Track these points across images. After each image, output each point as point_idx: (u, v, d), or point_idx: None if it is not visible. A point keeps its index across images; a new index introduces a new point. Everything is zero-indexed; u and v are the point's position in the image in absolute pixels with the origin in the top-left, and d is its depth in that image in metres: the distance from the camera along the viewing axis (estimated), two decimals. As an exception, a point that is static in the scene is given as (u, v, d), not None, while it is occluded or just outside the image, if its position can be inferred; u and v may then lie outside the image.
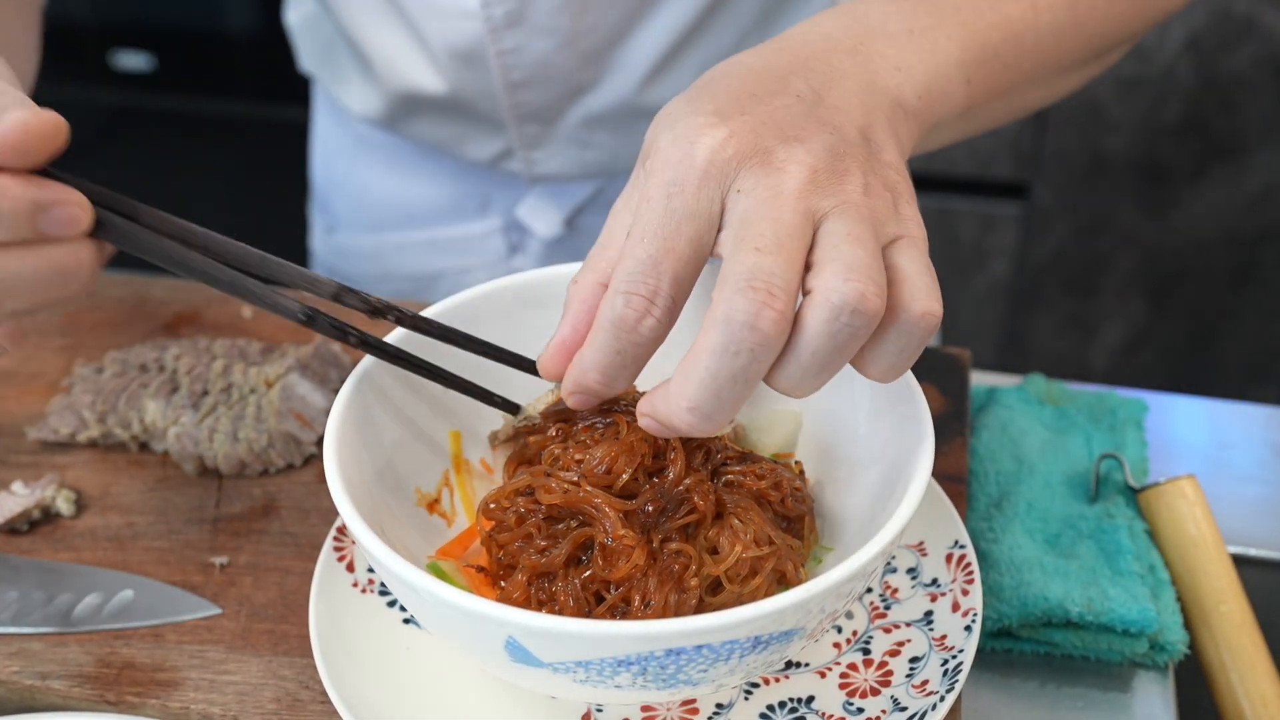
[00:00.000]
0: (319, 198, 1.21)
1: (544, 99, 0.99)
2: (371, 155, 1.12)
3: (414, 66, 1.00)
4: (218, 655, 0.66)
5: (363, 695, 0.59)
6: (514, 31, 0.95)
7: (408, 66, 1.01)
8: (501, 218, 1.10)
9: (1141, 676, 0.69)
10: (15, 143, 0.51)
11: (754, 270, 0.49)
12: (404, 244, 1.13)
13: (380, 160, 1.12)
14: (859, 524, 0.60)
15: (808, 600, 0.49)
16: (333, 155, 1.17)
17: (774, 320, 0.48)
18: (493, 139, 1.03)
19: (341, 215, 1.17)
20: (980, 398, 0.83)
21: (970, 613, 0.61)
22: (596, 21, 0.94)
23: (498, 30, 0.94)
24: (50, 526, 0.74)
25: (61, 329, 0.90)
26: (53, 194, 0.53)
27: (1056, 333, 2.23)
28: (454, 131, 1.04)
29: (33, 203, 0.52)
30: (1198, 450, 0.85)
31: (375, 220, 1.14)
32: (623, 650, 0.48)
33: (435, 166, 1.09)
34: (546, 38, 0.95)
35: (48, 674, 0.65)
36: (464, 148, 1.05)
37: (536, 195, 1.08)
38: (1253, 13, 1.88)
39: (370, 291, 0.60)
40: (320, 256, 1.22)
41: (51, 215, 0.53)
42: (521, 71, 0.97)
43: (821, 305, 0.49)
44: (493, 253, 1.11)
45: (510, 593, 0.57)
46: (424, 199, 1.11)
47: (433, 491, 0.65)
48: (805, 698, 0.60)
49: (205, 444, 0.76)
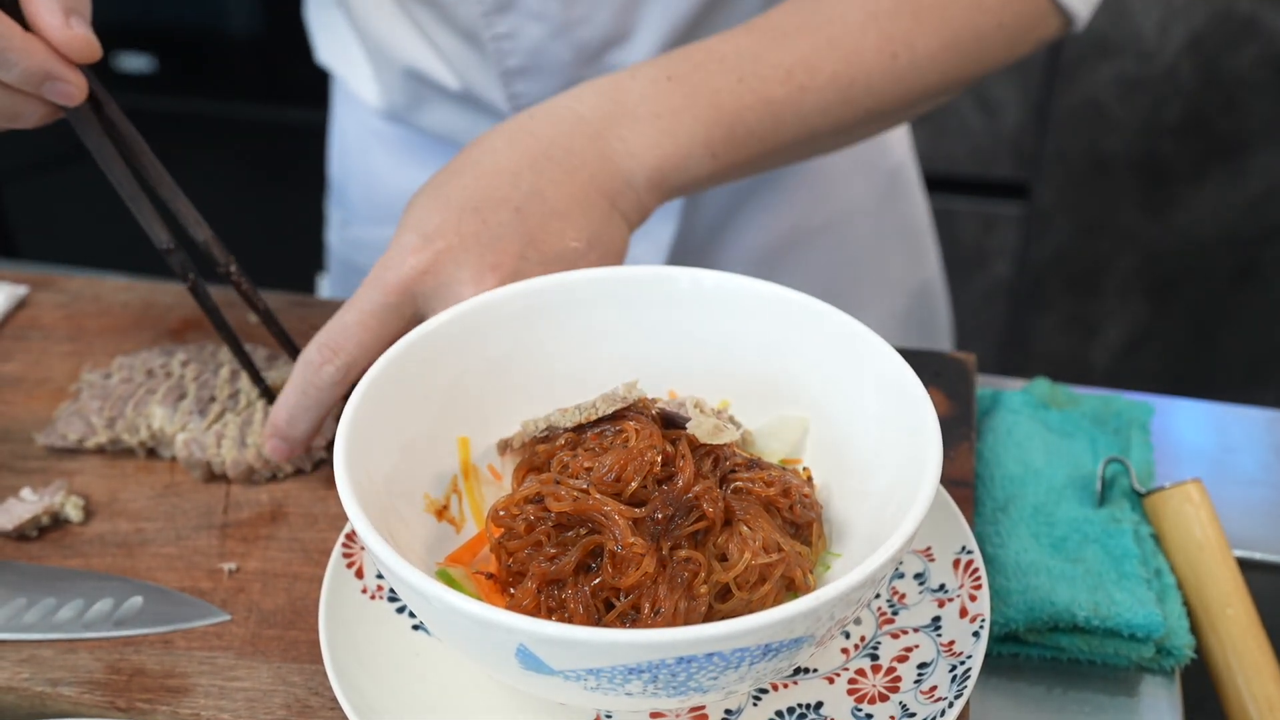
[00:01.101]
0: (335, 191, 1.22)
1: (543, 91, 1.00)
2: (386, 148, 1.13)
3: (420, 53, 1.02)
4: (227, 661, 0.66)
5: (372, 701, 0.59)
6: (505, 16, 0.96)
7: (414, 53, 1.02)
8: None
9: (1148, 681, 0.69)
10: (71, 45, 0.69)
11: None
12: None
13: (394, 153, 1.13)
14: (867, 530, 0.60)
15: (818, 608, 0.49)
16: (349, 149, 1.18)
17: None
18: None
19: (357, 208, 1.18)
20: (985, 402, 0.83)
21: (978, 618, 0.61)
22: (588, 12, 0.95)
23: (490, 14, 0.96)
24: (59, 533, 0.74)
25: (69, 335, 0.90)
26: (63, 71, 0.69)
27: (1058, 333, 2.23)
28: (463, 124, 1.05)
29: (46, 72, 0.69)
30: (1202, 454, 0.85)
31: (389, 213, 1.15)
32: (634, 658, 0.48)
33: (447, 160, 1.10)
34: (538, 24, 0.96)
35: (58, 680, 0.65)
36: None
37: None
38: (1254, 13, 1.89)
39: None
40: (335, 250, 1.23)
41: (56, 86, 0.70)
42: (517, 59, 0.98)
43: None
44: None
45: (520, 600, 0.57)
46: None
47: (441, 498, 0.65)
48: (814, 703, 0.60)
49: (213, 450, 0.76)
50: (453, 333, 0.65)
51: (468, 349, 0.65)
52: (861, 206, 1.14)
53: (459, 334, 0.65)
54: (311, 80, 2.29)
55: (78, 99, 0.71)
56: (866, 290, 1.16)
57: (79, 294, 0.95)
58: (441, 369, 0.64)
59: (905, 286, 1.20)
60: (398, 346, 0.62)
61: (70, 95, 0.71)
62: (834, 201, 1.11)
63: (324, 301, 0.93)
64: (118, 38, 2.35)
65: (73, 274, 0.98)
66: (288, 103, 2.35)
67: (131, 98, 2.39)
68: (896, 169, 1.16)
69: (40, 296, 0.95)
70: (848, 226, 1.13)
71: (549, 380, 0.68)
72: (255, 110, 2.38)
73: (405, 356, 0.63)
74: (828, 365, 0.64)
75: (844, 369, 0.64)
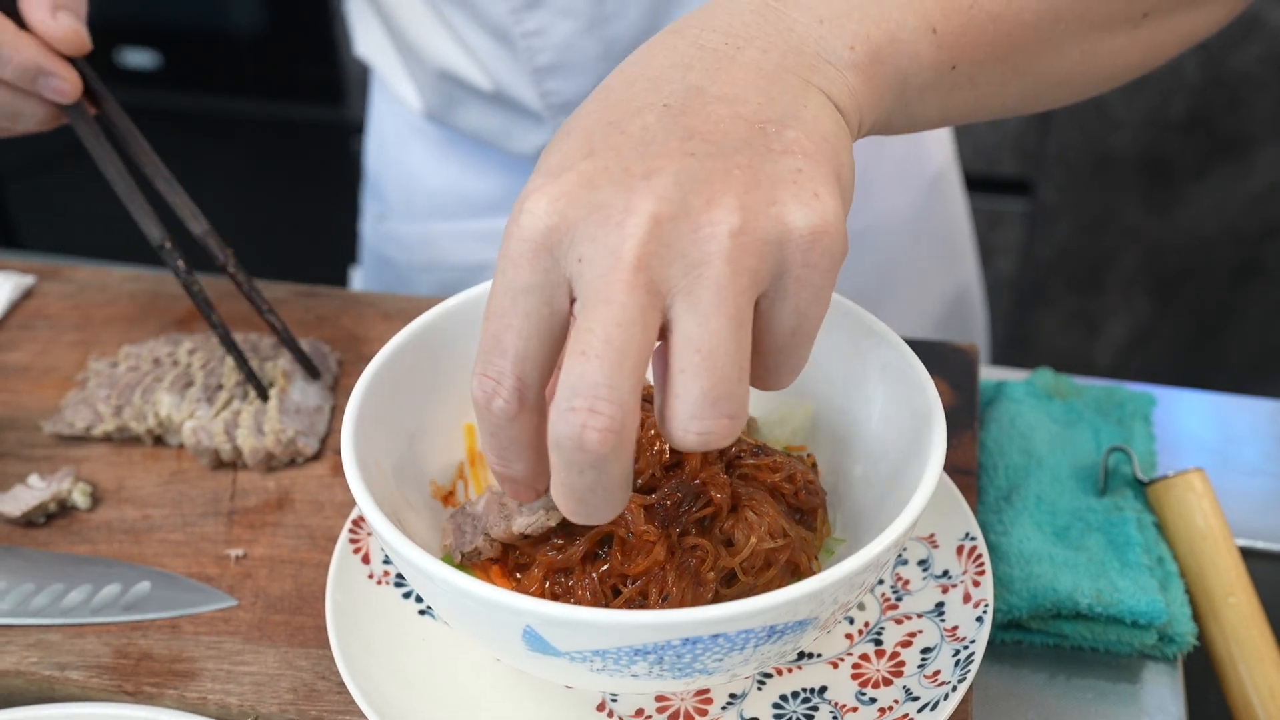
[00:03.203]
0: (371, 184, 1.21)
1: (576, 90, 1.00)
2: (423, 144, 1.13)
3: (452, 54, 1.02)
4: (234, 646, 0.66)
5: (379, 685, 0.59)
6: (534, 13, 0.96)
7: (446, 54, 1.02)
8: None
9: (1150, 668, 0.69)
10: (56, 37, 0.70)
11: (575, 385, 0.45)
12: (451, 234, 1.14)
13: (431, 150, 1.13)
14: (871, 516, 0.61)
15: (821, 590, 0.49)
16: (386, 142, 1.18)
17: (599, 440, 0.45)
18: (533, 132, 1.04)
19: (392, 203, 1.18)
20: (989, 392, 0.84)
21: (982, 604, 0.62)
22: (619, 8, 0.95)
23: (518, 11, 0.96)
24: (66, 519, 0.75)
25: (75, 324, 0.91)
26: (55, 66, 0.70)
27: (1061, 329, 2.23)
28: (497, 124, 1.05)
29: (38, 66, 0.70)
30: (1205, 444, 0.85)
31: (424, 209, 1.15)
32: (640, 639, 0.49)
33: (484, 159, 1.10)
34: (568, 20, 0.96)
35: (66, 665, 0.66)
36: (508, 141, 1.06)
37: None
38: (1259, 11, 1.89)
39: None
40: (369, 243, 1.23)
41: (49, 82, 0.71)
42: (547, 55, 0.98)
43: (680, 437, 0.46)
44: None
45: (526, 587, 0.58)
46: (473, 191, 1.12)
47: (448, 484, 0.65)
48: (818, 688, 0.60)
49: (221, 437, 0.77)
50: (460, 319, 0.65)
51: (475, 336, 0.66)
52: (900, 214, 1.12)
53: (466, 321, 0.65)
54: (317, 76, 2.30)
55: (71, 95, 0.72)
56: (901, 294, 1.15)
57: (86, 284, 0.95)
58: (450, 356, 0.65)
59: (940, 291, 1.18)
60: (405, 333, 0.63)
61: (63, 91, 0.72)
62: (871, 210, 1.10)
63: (330, 291, 0.93)
64: (123, 33, 2.36)
65: (79, 264, 0.99)
66: (294, 99, 2.35)
67: (136, 94, 2.40)
68: (937, 176, 1.15)
69: (47, 286, 0.95)
70: (884, 233, 1.12)
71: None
72: (261, 106, 2.39)
73: (414, 343, 0.63)
74: (833, 353, 0.64)
75: (849, 357, 0.64)
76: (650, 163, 0.47)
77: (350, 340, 0.88)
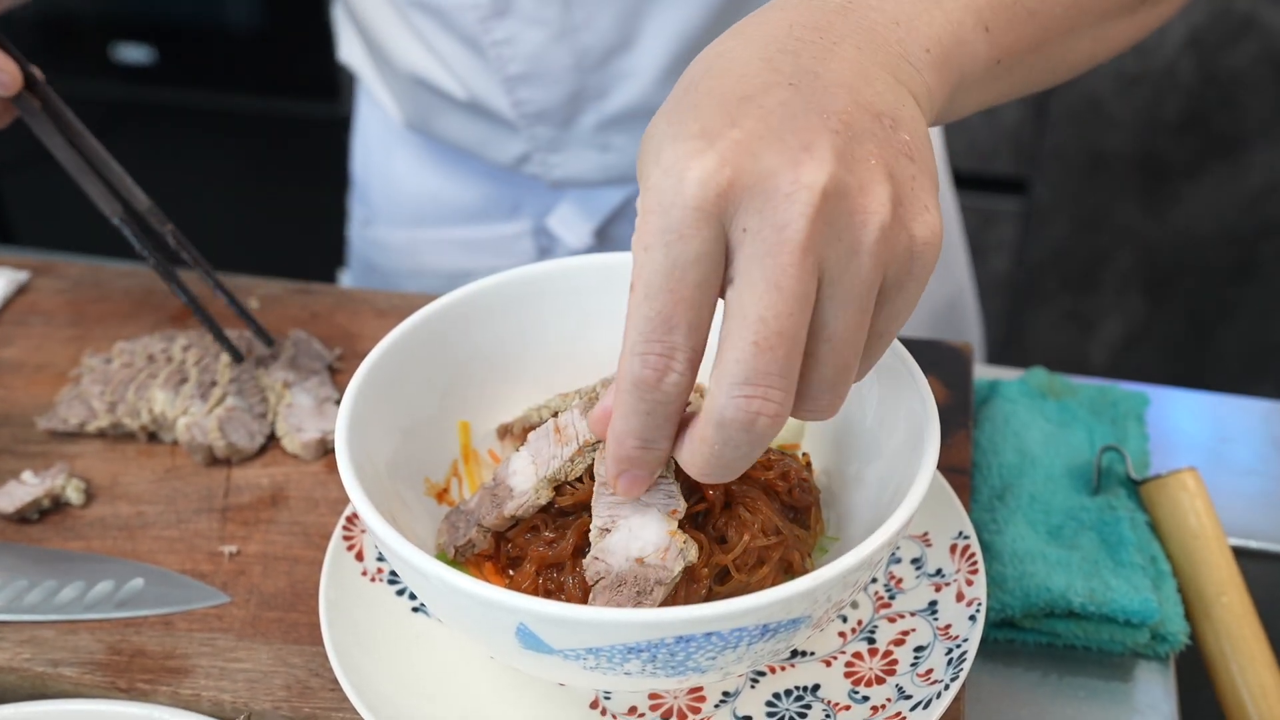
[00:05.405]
0: (358, 189, 1.22)
1: (547, 99, 0.99)
2: (406, 151, 1.13)
3: (424, 61, 1.02)
4: (228, 643, 0.66)
5: (372, 683, 0.59)
6: (503, 21, 0.96)
7: (419, 61, 1.02)
8: (532, 221, 1.11)
9: (1143, 667, 0.69)
10: None
11: (749, 375, 0.46)
12: (436, 241, 1.14)
13: (415, 156, 1.13)
14: (865, 515, 0.61)
15: (814, 589, 0.49)
16: (371, 148, 1.18)
17: (769, 424, 0.46)
18: (510, 141, 1.04)
19: (377, 208, 1.18)
20: (983, 391, 0.84)
21: (975, 602, 0.62)
22: (588, 18, 0.95)
23: (487, 20, 0.96)
24: (60, 515, 0.75)
25: (70, 320, 0.91)
26: None
27: (1056, 328, 2.24)
28: (474, 134, 1.05)
29: None
30: (1198, 443, 0.85)
31: (409, 215, 1.15)
32: (633, 637, 0.49)
33: (466, 167, 1.10)
34: (537, 29, 0.96)
35: (59, 661, 0.66)
36: (486, 150, 1.06)
37: (567, 204, 1.08)
38: (1253, 10, 1.89)
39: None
40: (355, 247, 1.23)
41: None
42: (518, 65, 0.98)
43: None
44: (523, 255, 1.12)
45: (519, 583, 0.58)
46: (456, 198, 1.12)
47: (441, 481, 0.65)
48: (811, 686, 0.60)
49: (214, 434, 0.77)
50: (454, 317, 0.65)
51: (469, 334, 0.66)
52: None
53: (460, 318, 0.65)
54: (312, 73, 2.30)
55: (12, 87, 0.77)
56: None
57: (80, 280, 0.95)
58: (443, 353, 0.65)
59: (934, 292, 1.18)
60: (400, 330, 0.63)
61: (4, 84, 0.76)
62: None
63: (324, 288, 0.93)
64: (118, 29, 2.35)
65: (73, 260, 0.98)
66: (289, 95, 2.35)
67: (130, 89, 2.40)
68: None
69: (41, 282, 0.95)
70: None
71: (550, 366, 0.68)
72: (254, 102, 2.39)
73: (407, 340, 0.63)
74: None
75: (843, 355, 0.64)
76: (803, 135, 0.46)
77: (344, 337, 0.88)
